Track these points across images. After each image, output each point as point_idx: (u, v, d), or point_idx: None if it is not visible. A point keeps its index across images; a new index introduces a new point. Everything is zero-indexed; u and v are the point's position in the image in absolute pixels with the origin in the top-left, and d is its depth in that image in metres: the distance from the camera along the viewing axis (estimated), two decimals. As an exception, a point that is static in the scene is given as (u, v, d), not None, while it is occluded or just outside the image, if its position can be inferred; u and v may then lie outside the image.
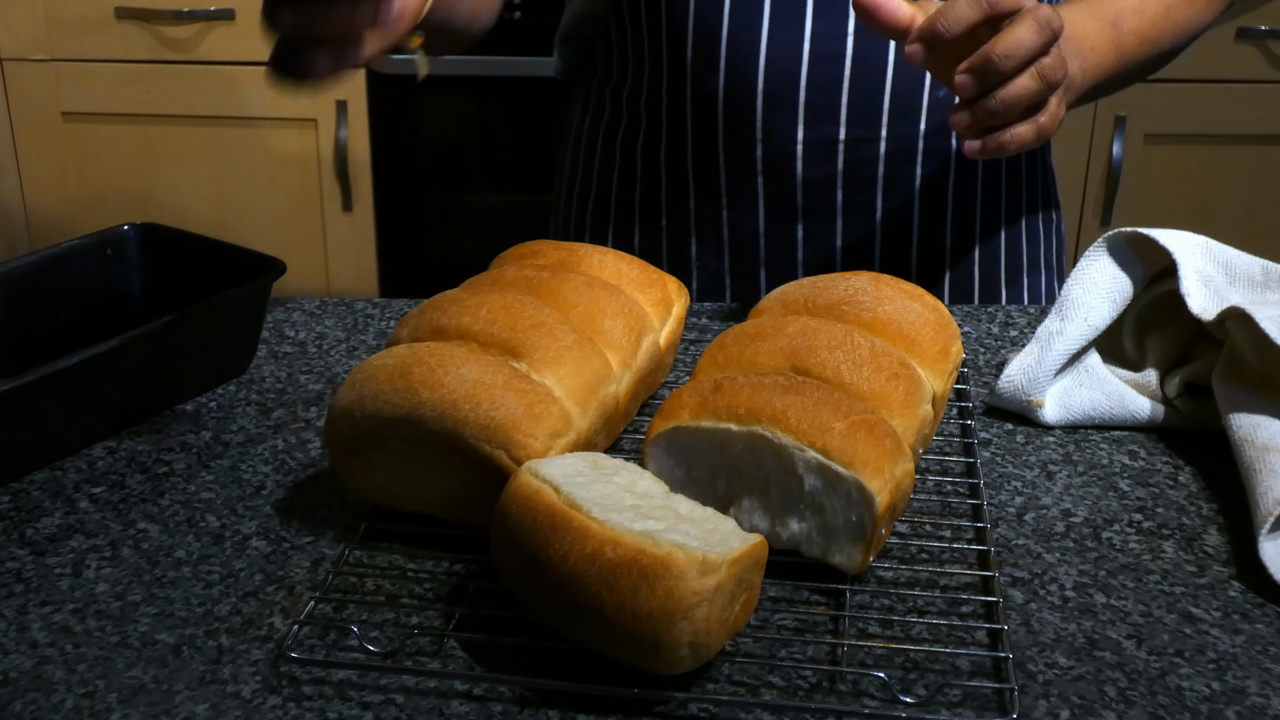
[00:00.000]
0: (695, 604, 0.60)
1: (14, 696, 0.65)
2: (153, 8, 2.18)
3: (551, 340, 0.77)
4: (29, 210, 2.33)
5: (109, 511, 0.80)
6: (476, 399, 0.72)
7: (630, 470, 0.69)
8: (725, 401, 0.71)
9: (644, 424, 0.86)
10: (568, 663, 0.67)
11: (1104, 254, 0.90)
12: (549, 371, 0.76)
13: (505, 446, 0.71)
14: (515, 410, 0.72)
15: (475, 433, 0.71)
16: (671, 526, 0.63)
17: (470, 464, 0.72)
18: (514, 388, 0.73)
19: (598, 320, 0.81)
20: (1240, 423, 0.82)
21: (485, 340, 0.77)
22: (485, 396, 0.72)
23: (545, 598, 0.65)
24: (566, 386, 0.76)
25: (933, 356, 0.80)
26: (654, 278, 0.89)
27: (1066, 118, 0.89)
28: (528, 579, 0.65)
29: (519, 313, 0.78)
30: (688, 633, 0.61)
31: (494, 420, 0.71)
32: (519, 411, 0.72)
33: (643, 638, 0.61)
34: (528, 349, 0.76)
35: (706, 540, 0.63)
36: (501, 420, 0.71)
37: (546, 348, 0.76)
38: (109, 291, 0.98)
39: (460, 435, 0.71)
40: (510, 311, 0.78)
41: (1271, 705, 0.64)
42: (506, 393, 0.73)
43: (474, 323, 0.77)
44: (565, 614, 0.64)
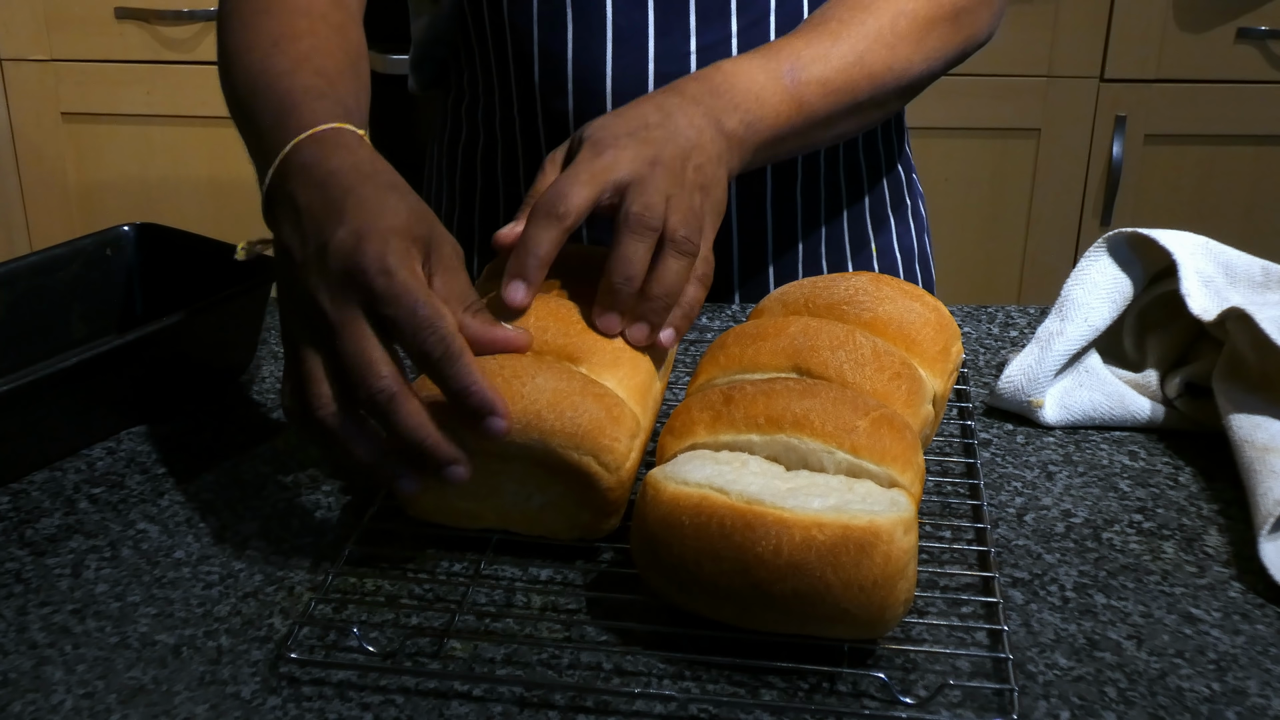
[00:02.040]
0: (908, 562, 0.63)
1: (14, 697, 0.65)
2: (153, 8, 2.18)
3: (605, 343, 0.76)
4: (29, 210, 2.33)
5: (109, 512, 0.80)
6: (560, 407, 0.71)
7: (739, 456, 0.70)
8: (741, 412, 0.71)
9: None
10: (567, 663, 0.67)
11: (1104, 254, 0.90)
12: (609, 374, 0.75)
13: (594, 452, 0.71)
14: (598, 415, 0.71)
15: (564, 441, 0.70)
16: (841, 497, 0.65)
17: (554, 473, 0.71)
18: (591, 393, 0.72)
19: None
20: (1240, 423, 0.82)
21: (540, 348, 0.75)
22: (568, 404, 0.71)
23: (753, 596, 0.64)
24: (627, 388, 0.76)
25: (933, 356, 0.80)
26: None
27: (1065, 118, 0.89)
28: (723, 582, 0.65)
29: (568, 318, 0.77)
30: (904, 591, 0.64)
31: (580, 427, 0.70)
32: (601, 416, 0.71)
33: (869, 606, 0.63)
34: (585, 353, 0.75)
35: (874, 502, 0.64)
36: (588, 426, 0.71)
37: (603, 350, 0.76)
38: (109, 291, 0.98)
39: (548, 445, 0.70)
40: (559, 317, 0.77)
41: (1272, 706, 0.64)
42: (586, 398, 0.72)
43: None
44: (780, 606, 0.64)
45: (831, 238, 1.11)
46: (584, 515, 0.73)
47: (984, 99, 2.15)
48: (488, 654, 0.67)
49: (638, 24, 1.00)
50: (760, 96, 0.86)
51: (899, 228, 1.16)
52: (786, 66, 0.88)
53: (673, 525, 0.66)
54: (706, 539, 0.64)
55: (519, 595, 0.72)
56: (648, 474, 0.69)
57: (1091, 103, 2.16)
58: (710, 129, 0.82)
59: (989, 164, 2.21)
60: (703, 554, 0.65)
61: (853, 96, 0.92)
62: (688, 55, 1.00)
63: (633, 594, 0.70)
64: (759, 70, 0.87)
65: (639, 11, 1.00)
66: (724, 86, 0.85)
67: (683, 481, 0.66)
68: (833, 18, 0.93)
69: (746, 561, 0.64)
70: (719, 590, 0.65)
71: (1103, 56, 2.14)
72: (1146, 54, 2.13)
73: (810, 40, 0.91)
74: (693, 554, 0.65)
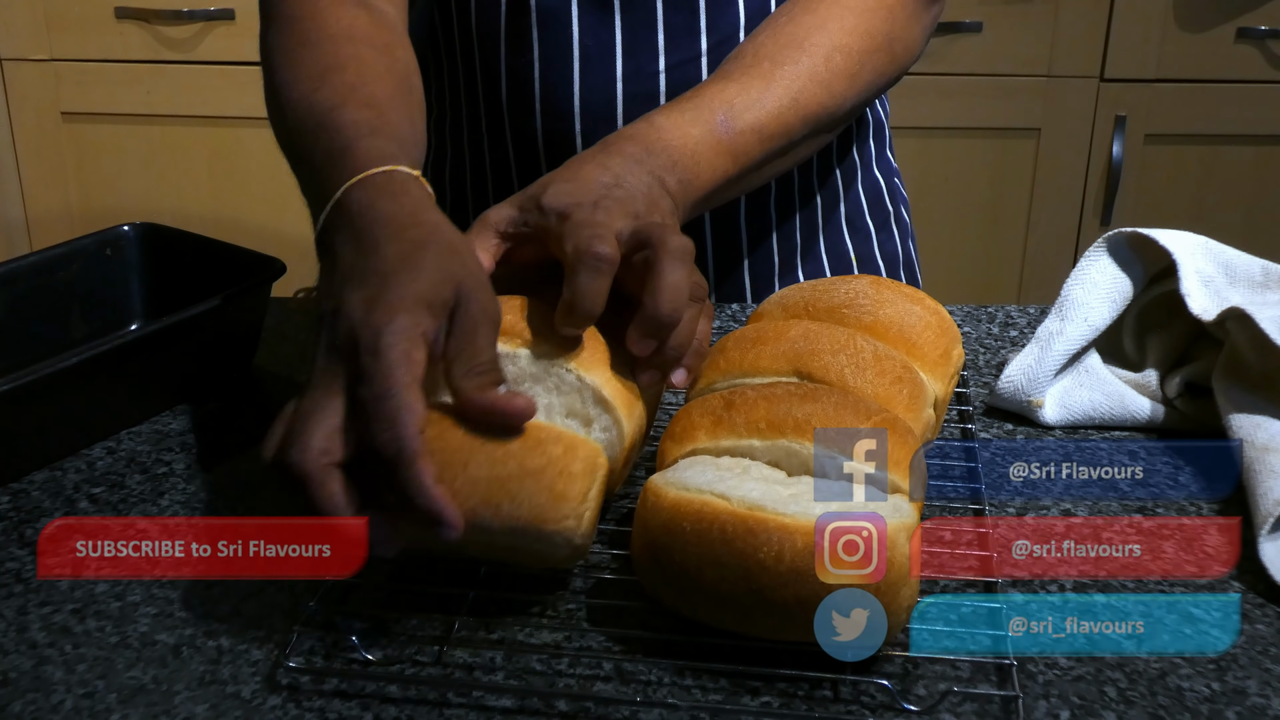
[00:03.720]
0: (910, 567, 0.64)
1: (14, 696, 0.65)
2: (153, 8, 2.18)
3: (594, 339, 0.74)
4: (29, 210, 2.33)
5: (109, 511, 0.80)
6: (495, 501, 0.66)
7: (740, 462, 0.70)
8: (742, 417, 0.71)
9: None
10: (566, 669, 0.67)
11: (1104, 254, 0.90)
12: (598, 372, 0.73)
13: (539, 539, 0.67)
14: (539, 500, 0.66)
15: (507, 537, 0.67)
16: (841, 504, 0.65)
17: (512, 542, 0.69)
18: (529, 469, 0.67)
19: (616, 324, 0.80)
20: (1240, 423, 0.82)
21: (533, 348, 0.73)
22: (504, 496, 0.66)
23: (755, 602, 0.64)
24: (613, 388, 0.74)
25: (934, 360, 0.80)
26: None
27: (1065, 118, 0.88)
28: (724, 589, 0.65)
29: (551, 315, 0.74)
30: (907, 596, 0.64)
31: (519, 520, 0.66)
32: (542, 499, 0.66)
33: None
34: (573, 349, 0.73)
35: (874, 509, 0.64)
36: (528, 517, 0.66)
37: (592, 348, 0.74)
38: (109, 291, 0.98)
39: (492, 544, 0.68)
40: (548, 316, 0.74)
41: (1272, 706, 0.64)
42: (524, 481, 0.66)
43: (515, 321, 0.74)
44: (781, 612, 0.64)
45: (807, 248, 1.11)
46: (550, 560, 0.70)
47: (984, 99, 2.15)
48: (488, 660, 0.67)
49: (605, 43, 0.99)
50: (695, 153, 0.83)
51: (880, 235, 1.15)
52: (720, 117, 0.85)
53: (674, 531, 0.66)
54: (708, 545, 0.64)
55: (519, 601, 0.71)
56: (649, 480, 0.68)
57: (1091, 103, 2.16)
58: (657, 187, 0.80)
59: (989, 164, 2.21)
60: (704, 560, 0.65)
61: (787, 139, 0.89)
62: (656, 74, 0.99)
63: (633, 600, 0.70)
64: (691, 124, 0.84)
65: (606, 31, 0.99)
66: (659, 145, 0.82)
67: (684, 487, 0.66)
68: (765, 57, 0.89)
69: (748, 568, 0.64)
70: (720, 596, 0.65)
71: (1103, 56, 2.14)
72: (1146, 54, 2.13)
73: (744, 85, 0.88)
74: (694, 560, 0.65)
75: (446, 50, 1.07)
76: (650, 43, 0.99)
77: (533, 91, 1.01)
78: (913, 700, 0.64)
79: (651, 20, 0.99)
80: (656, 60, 1.00)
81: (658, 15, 0.99)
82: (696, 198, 0.84)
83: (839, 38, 0.91)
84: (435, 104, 1.11)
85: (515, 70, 1.01)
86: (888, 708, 0.64)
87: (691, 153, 0.83)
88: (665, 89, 1.00)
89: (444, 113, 1.10)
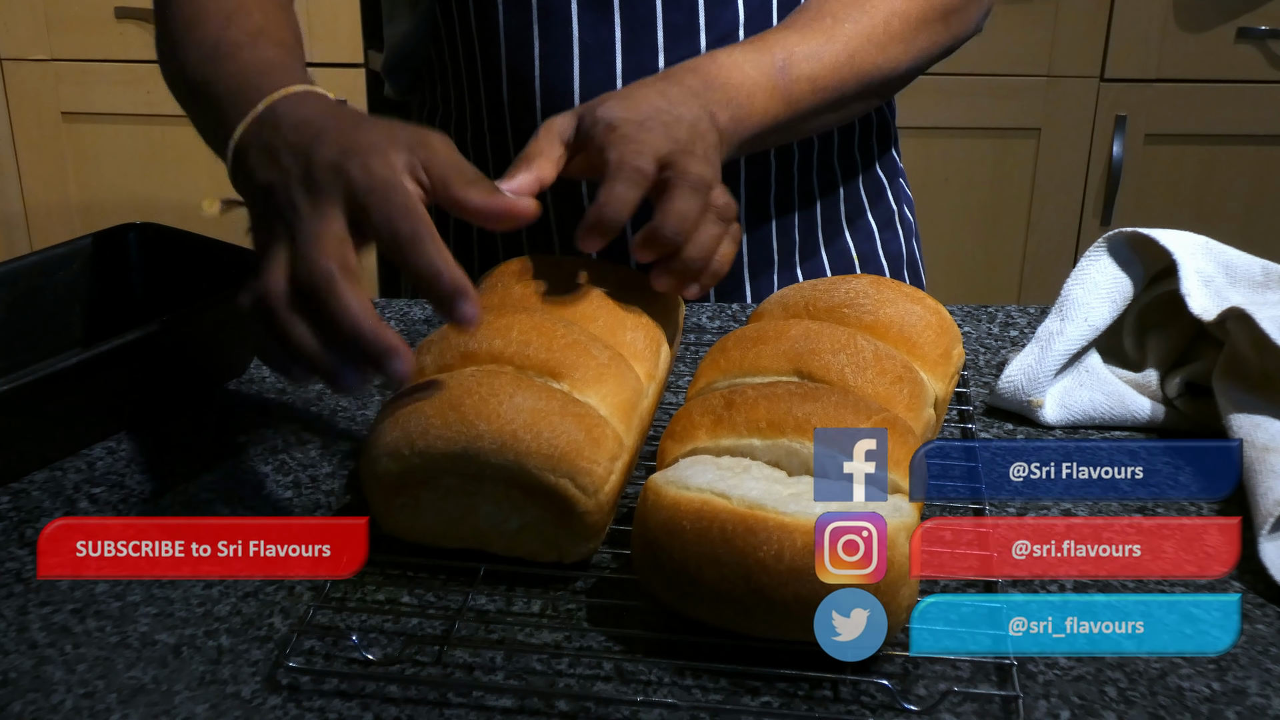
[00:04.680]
0: (909, 566, 0.64)
1: (14, 696, 0.65)
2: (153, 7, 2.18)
3: (589, 359, 0.75)
4: (29, 210, 2.33)
5: (109, 512, 0.80)
6: (537, 428, 0.69)
7: (740, 461, 0.70)
8: (743, 416, 0.71)
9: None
10: (566, 669, 0.67)
11: (1104, 254, 0.90)
12: (591, 391, 0.74)
13: (571, 475, 0.69)
14: (577, 437, 0.70)
15: (539, 463, 0.69)
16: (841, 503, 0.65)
17: (530, 496, 0.70)
18: (571, 413, 0.71)
19: (620, 333, 0.80)
20: (1240, 423, 0.82)
21: (522, 363, 0.74)
22: (545, 425, 0.69)
23: (755, 601, 0.64)
24: (610, 405, 0.74)
25: (934, 360, 0.80)
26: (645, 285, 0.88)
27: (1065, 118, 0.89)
28: (724, 588, 0.65)
29: (552, 332, 0.75)
30: (907, 596, 0.64)
31: (557, 449, 0.69)
32: (580, 437, 0.70)
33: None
34: (567, 369, 0.74)
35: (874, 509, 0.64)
36: (565, 448, 0.69)
37: (586, 367, 0.74)
38: (109, 291, 0.98)
39: (524, 466, 0.69)
40: (543, 332, 0.75)
41: (1272, 705, 0.64)
42: (565, 418, 0.70)
43: (506, 345, 0.74)
44: (781, 612, 0.64)
45: (806, 245, 1.11)
46: (561, 539, 0.72)
47: (984, 99, 2.15)
48: (488, 660, 0.67)
49: (605, 41, 1.00)
50: (751, 92, 0.87)
51: (883, 234, 1.15)
52: (779, 63, 0.89)
53: (674, 530, 0.66)
54: (708, 544, 0.64)
55: (519, 601, 0.71)
56: (649, 479, 0.68)
57: (1091, 103, 2.16)
58: (706, 120, 0.83)
59: (989, 164, 2.21)
60: (704, 559, 0.65)
61: (839, 94, 0.93)
62: (655, 72, 1.00)
63: (633, 600, 0.70)
64: (751, 65, 0.88)
65: (606, 28, 1.00)
66: (717, 81, 0.86)
67: (684, 486, 0.66)
68: (827, 13, 0.93)
69: (748, 567, 0.64)
70: (720, 596, 0.65)
71: (1103, 56, 2.14)
72: (1146, 54, 2.13)
73: (805, 35, 0.92)
74: (694, 559, 0.65)
75: (449, 49, 1.07)
76: (649, 40, 1.00)
77: (533, 89, 1.02)
78: (913, 700, 0.64)
79: (651, 18, 0.99)
80: (656, 58, 1.00)
81: (657, 13, 0.99)
82: (745, 136, 0.88)
83: (899, 4, 0.95)
84: (440, 103, 1.12)
85: (515, 68, 1.02)
86: (888, 708, 0.64)
87: (748, 92, 0.87)
88: None
89: (448, 111, 1.11)
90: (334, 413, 0.91)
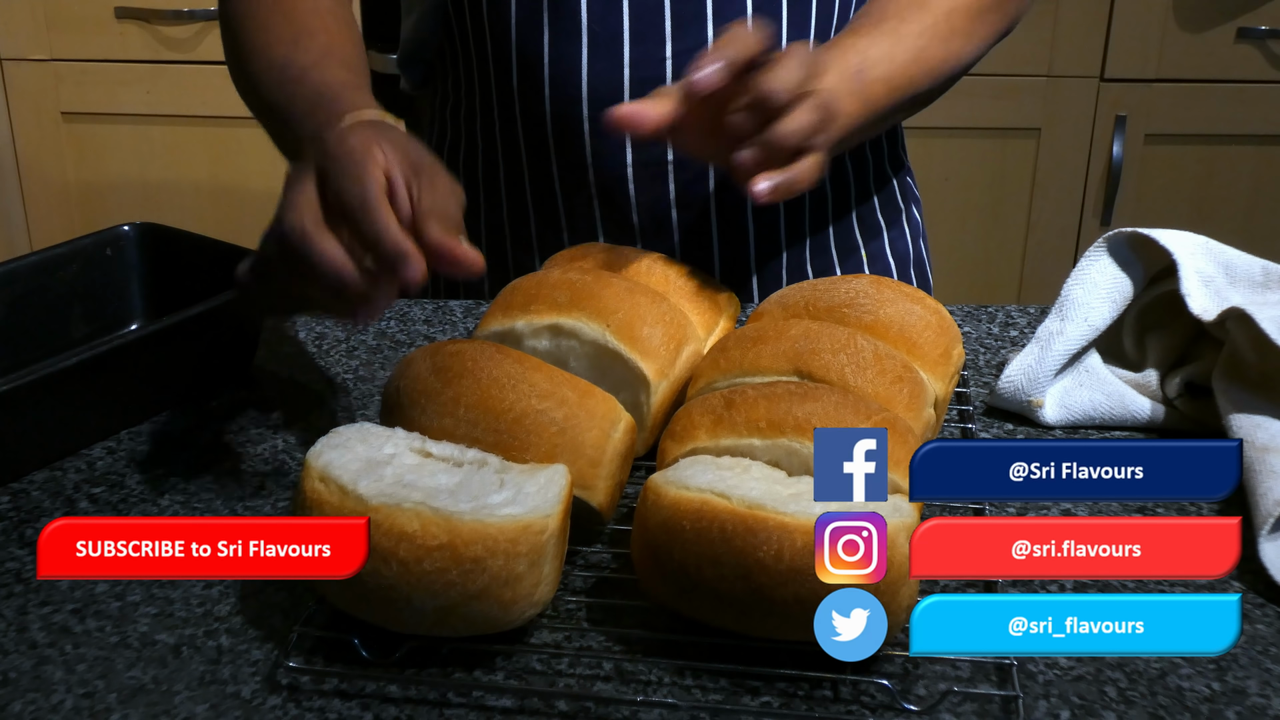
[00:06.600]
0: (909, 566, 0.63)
1: (14, 696, 0.65)
2: (153, 8, 2.18)
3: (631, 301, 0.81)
4: (29, 210, 2.33)
5: (109, 511, 0.80)
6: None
7: (740, 461, 0.70)
8: (743, 416, 0.71)
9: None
10: (566, 669, 0.67)
11: (1104, 254, 0.90)
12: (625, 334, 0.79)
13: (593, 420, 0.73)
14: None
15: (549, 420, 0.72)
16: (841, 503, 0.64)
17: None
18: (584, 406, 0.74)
19: (636, 327, 0.80)
20: (1240, 423, 0.82)
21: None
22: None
23: (754, 601, 0.64)
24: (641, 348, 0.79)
25: (934, 360, 0.80)
26: (701, 287, 0.89)
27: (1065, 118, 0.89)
28: (724, 588, 0.65)
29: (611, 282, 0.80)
30: (907, 596, 0.64)
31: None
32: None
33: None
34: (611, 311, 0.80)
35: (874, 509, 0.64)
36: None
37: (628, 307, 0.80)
38: (109, 291, 0.98)
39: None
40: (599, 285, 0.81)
41: (1272, 705, 0.64)
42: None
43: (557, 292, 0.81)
44: (781, 612, 0.64)
45: (817, 244, 1.11)
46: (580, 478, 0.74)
47: (984, 99, 2.15)
48: (488, 660, 0.67)
49: (613, 29, 1.00)
50: (837, 97, 0.89)
51: (891, 233, 1.16)
52: (855, 68, 0.91)
53: (674, 530, 0.66)
54: (708, 544, 0.64)
55: (519, 595, 0.71)
56: (649, 479, 0.68)
57: (1091, 103, 2.16)
58: None
59: (989, 164, 2.21)
60: (704, 559, 0.65)
61: (912, 92, 0.96)
62: (663, 61, 1.01)
63: (633, 600, 0.70)
64: (829, 72, 0.90)
65: (614, 17, 1.00)
66: None
67: (684, 486, 0.66)
68: (890, 15, 0.96)
69: (748, 567, 0.64)
70: (720, 595, 0.65)
71: (1103, 56, 2.14)
72: (1146, 54, 2.13)
73: (874, 39, 0.94)
74: (694, 559, 0.65)
75: (460, 37, 1.08)
76: (658, 29, 1.01)
77: (542, 76, 1.02)
78: (913, 700, 0.64)
79: (659, 6, 1.00)
80: (664, 46, 1.01)
81: (665, 2, 1.00)
82: (835, 138, 0.89)
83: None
84: (451, 91, 1.12)
85: (525, 55, 1.03)
86: (888, 708, 0.64)
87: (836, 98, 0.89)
88: (672, 75, 1.01)
89: (458, 100, 1.11)
90: (334, 413, 0.91)
